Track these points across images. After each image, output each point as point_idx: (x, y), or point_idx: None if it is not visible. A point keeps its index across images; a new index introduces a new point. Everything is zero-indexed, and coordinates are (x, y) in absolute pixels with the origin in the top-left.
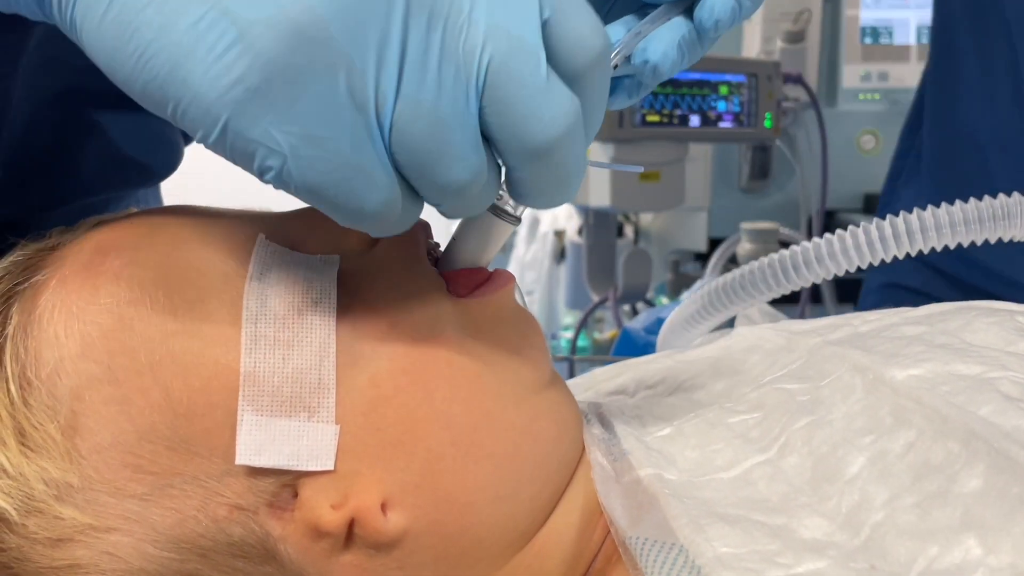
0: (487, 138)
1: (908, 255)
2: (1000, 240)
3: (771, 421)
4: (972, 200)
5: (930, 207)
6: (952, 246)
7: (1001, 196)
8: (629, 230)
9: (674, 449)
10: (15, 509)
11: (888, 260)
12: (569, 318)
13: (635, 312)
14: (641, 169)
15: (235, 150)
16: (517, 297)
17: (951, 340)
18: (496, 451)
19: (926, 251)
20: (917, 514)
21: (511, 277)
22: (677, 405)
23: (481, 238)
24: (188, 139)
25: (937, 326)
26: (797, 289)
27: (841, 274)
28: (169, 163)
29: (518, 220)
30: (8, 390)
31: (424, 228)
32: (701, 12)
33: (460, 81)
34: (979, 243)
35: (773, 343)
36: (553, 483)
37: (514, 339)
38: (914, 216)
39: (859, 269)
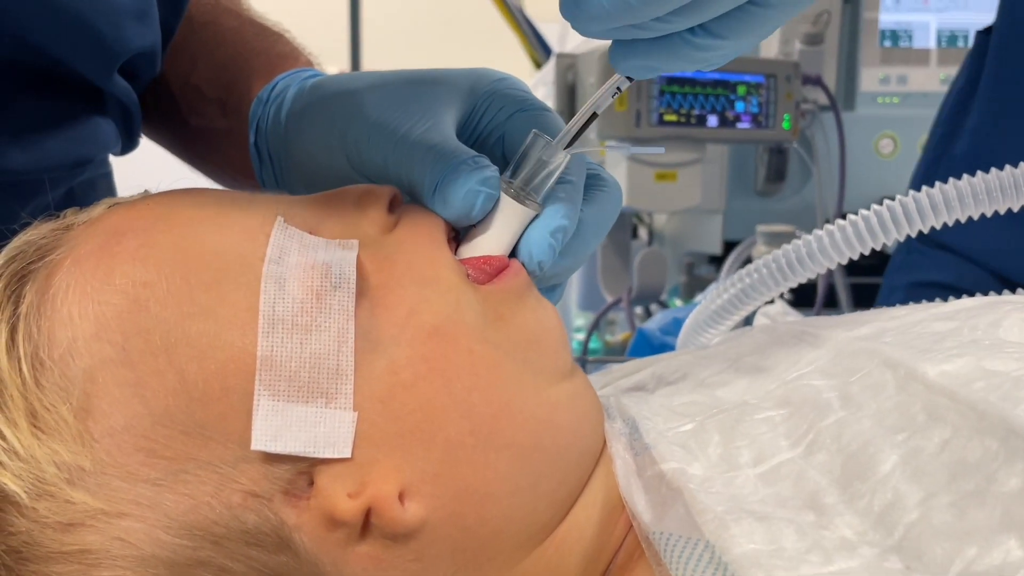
0: None
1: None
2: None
3: (798, 418)
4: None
5: (935, 187)
6: (949, 222)
7: (1008, 168)
8: (643, 231)
9: (697, 444)
10: (25, 492)
11: (916, 232)
12: (581, 319)
13: (648, 314)
14: (662, 150)
15: None
16: None
17: (983, 336)
18: (516, 441)
19: (950, 223)
20: (954, 514)
21: None
22: (699, 401)
23: (502, 225)
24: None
25: (967, 322)
26: (823, 270)
27: (868, 252)
28: (79, 154)
29: (540, 206)
30: (20, 370)
31: None
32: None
33: None
34: (989, 215)
35: (797, 339)
36: (574, 475)
37: (534, 328)
38: (920, 195)
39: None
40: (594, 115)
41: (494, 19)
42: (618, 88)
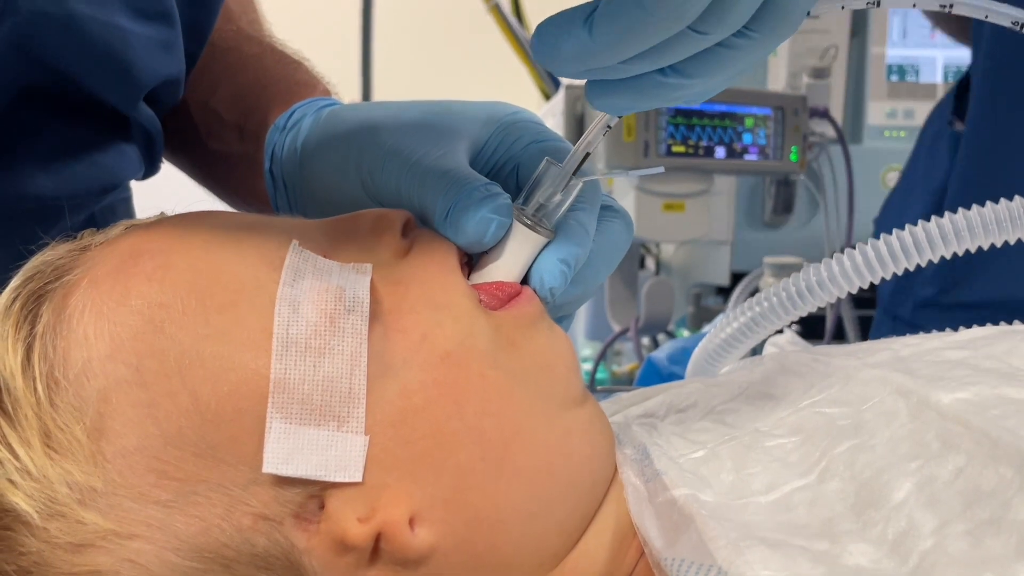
0: None
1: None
2: None
3: (810, 445)
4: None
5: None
6: (959, 251)
7: (1017, 199)
8: (651, 261)
9: (709, 471)
10: (37, 512)
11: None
12: (588, 349)
13: (656, 345)
14: (662, 170)
15: None
16: None
17: (997, 364)
18: (527, 468)
19: (960, 252)
20: (969, 542)
21: None
22: (710, 428)
23: (515, 251)
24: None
25: (982, 350)
26: (832, 299)
27: (877, 281)
28: (105, 180)
29: (552, 232)
30: (35, 390)
31: None
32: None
33: None
34: (999, 245)
35: (808, 367)
36: (585, 502)
37: (546, 355)
38: (931, 225)
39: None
40: (587, 155)
41: (504, 50)
42: (608, 125)
